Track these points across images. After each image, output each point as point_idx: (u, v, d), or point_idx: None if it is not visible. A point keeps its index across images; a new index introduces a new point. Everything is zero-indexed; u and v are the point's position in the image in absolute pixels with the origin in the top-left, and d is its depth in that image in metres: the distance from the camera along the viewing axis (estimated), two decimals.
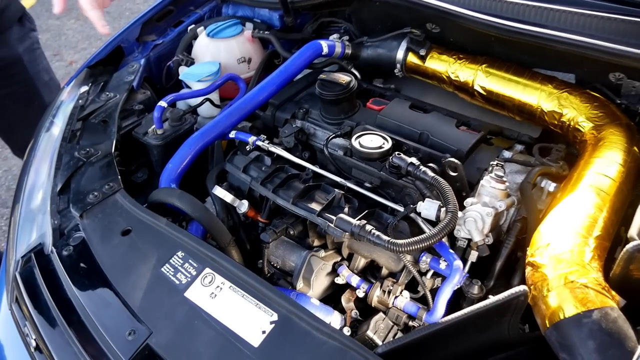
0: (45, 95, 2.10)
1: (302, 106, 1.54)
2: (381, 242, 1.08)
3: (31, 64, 2.04)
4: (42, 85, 2.10)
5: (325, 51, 1.62)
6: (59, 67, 4.52)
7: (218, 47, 1.78)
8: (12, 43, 1.99)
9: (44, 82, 2.11)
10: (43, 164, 1.49)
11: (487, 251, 1.13)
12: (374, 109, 1.49)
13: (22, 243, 1.36)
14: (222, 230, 1.23)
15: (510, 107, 1.47)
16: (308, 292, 1.19)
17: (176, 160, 1.42)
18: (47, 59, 2.17)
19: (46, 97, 2.10)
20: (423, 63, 1.59)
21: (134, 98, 1.67)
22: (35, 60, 2.07)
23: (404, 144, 1.34)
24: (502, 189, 1.16)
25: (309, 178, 1.31)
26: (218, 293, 1.06)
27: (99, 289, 1.15)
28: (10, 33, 1.99)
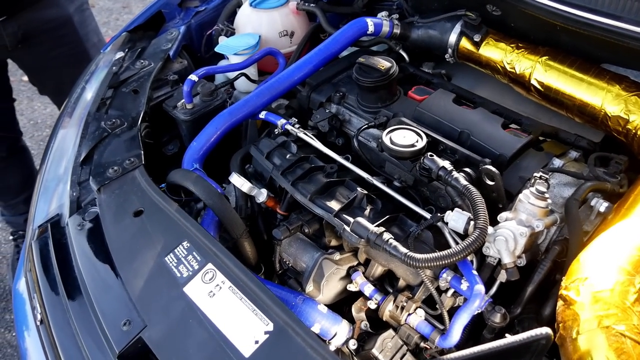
0: (94, 56, 2.07)
1: (339, 89, 1.44)
2: (398, 254, 0.98)
3: (81, 25, 2.02)
4: (91, 47, 2.08)
5: (371, 30, 1.50)
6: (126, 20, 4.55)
7: (260, 18, 1.69)
8: (62, 3, 1.98)
9: (92, 43, 2.09)
10: (71, 130, 1.47)
11: (516, 275, 1.00)
12: (415, 99, 1.37)
13: (42, 211, 1.35)
14: (236, 220, 1.17)
15: (570, 107, 1.31)
16: (317, 296, 1.11)
17: (201, 139, 1.36)
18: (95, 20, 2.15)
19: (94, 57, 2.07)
20: (477, 50, 1.44)
21: (169, 67, 1.62)
22: (85, 21, 2.05)
23: (441, 143, 1.21)
24: (542, 207, 1.02)
25: (333, 172, 1.21)
26: (217, 292, 1.00)
27: (103, 271, 1.12)
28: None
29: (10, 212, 2.44)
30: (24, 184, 2.33)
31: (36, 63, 2.05)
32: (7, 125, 2.22)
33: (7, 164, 2.25)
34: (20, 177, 2.32)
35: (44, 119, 3.38)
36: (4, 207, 2.43)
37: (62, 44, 2.00)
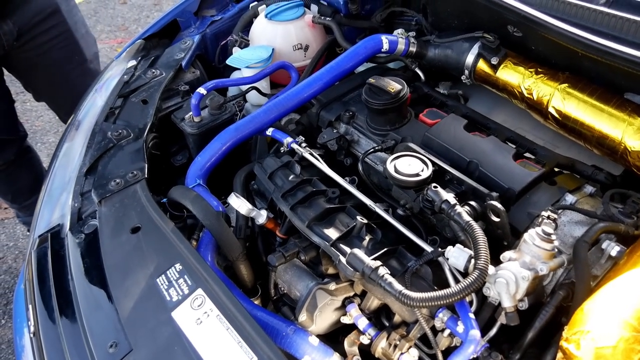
0: (84, 48, 2.06)
1: (349, 108, 1.40)
2: (392, 291, 0.95)
3: (69, 14, 1.99)
4: (80, 38, 2.05)
5: (386, 48, 1.45)
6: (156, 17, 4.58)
7: (275, 31, 1.66)
8: None
9: (81, 34, 2.06)
10: (77, 139, 1.47)
11: (516, 320, 0.95)
12: (426, 123, 1.32)
13: (44, 220, 1.35)
14: (233, 243, 1.14)
15: (589, 138, 1.25)
16: (310, 326, 1.08)
17: (206, 154, 1.34)
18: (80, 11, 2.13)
19: (85, 51, 2.06)
20: (494, 72, 1.39)
21: (181, 77, 1.60)
22: (71, 11, 2.01)
23: (447, 173, 1.16)
24: (548, 249, 0.96)
25: (334, 197, 1.17)
26: (204, 320, 0.97)
27: (95, 288, 1.11)
28: None
29: (25, 213, 2.46)
30: (35, 184, 2.33)
31: (28, 63, 2.01)
32: (10, 128, 2.20)
33: (16, 166, 2.25)
34: (30, 178, 2.33)
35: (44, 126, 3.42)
36: (19, 209, 2.44)
37: (53, 36, 1.97)
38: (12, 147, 2.20)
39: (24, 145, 2.29)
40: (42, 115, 3.47)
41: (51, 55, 1.97)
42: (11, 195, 2.36)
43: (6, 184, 2.31)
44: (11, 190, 2.34)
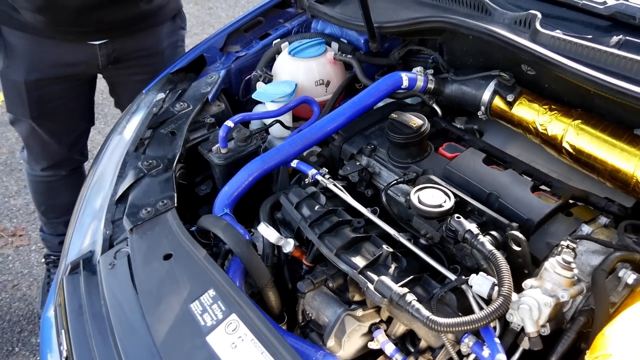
0: None
1: (370, 142, 1.46)
2: (420, 316, 0.99)
3: (170, 59, 2.07)
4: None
5: (405, 85, 1.52)
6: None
7: (297, 67, 1.73)
8: (161, 37, 2.07)
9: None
10: (108, 168, 1.52)
11: (539, 345, 0.99)
12: (446, 156, 1.38)
13: (75, 246, 1.39)
14: (262, 270, 1.18)
15: (602, 172, 1.30)
16: (338, 351, 1.12)
17: (233, 184, 1.40)
18: None
19: None
20: (510, 109, 1.45)
21: (207, 110, 1.67)
22: (175, 56, 2.09)
23: (469, 204, 1.22)
24: (568, 277, 1.01)
25: (360, 227, 1.22)
26: (239, 344, 1.01)
27: (130, 313, 1.15)
28: (161, 28, 2.06)
29: (49, 229, 2.50)
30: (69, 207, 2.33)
31: (118, 80, 2.14)
32: (79, 146, 2.29)
33: (63, 183, 2.32)
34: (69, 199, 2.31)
35: None
36: (45, 223, 2.48)
37: (147, 72, 2.06)
38: (70, 164, 2.30)
39: (79, 168, 2.38)
40: None
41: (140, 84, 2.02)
42: (45, 207, 2.41)
43: (46, 195, 2.37)
44: (47, 202, 2.40)
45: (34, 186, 2.38)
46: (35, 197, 2.43)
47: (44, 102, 2.02)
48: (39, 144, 2.16)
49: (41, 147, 2.17)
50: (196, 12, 5.27)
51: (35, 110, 2.02)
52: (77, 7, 1.79)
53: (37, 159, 2.24)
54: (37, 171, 2.28)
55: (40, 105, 2.02)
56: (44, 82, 1.97)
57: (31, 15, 1.81)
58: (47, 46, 1.91)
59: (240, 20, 1.89)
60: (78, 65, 1.98)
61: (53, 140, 2.14)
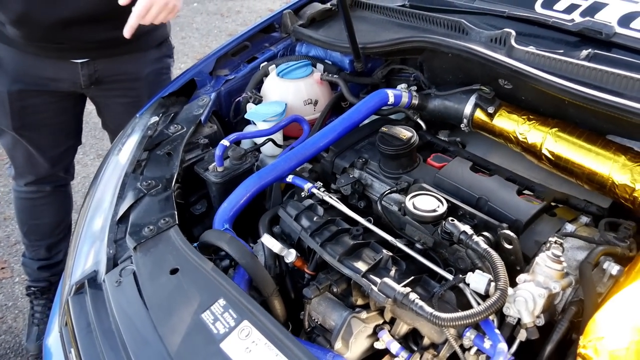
0: None
1: (361, 155, 1.53)
2: (424, 313, 1.05)
3: (153, 86, 2.10)
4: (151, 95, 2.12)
5: (391, 101, 1.61)
6: None
7: (286, 88, 1.81)
8: (144, 63, 2.09)
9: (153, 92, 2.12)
10: (107, 190, 1.55)
11: (536, 334, 1.06)
12: (434, 166, 1.46)
13: (78, 267, 1.42)
14: (267, 280, 1.23)
15: (579, 175, 1.39)
16: (345, 353, 1.16)
17: (231, 200, 1.45)
18: None
19: None
20: (491, 120, 1.54)
21: (200, 131, 1.72)
22: (159, 84, 2.12)
23: (460, 208, 1.29)
24: (559, 270, 1.09)
25: (358, 234, 1.29)
26: (253, 348, 1.05)
27: (141, 327, 1.18)
28: (147, 54, 2.09)
29: (30, 253, 2.48)
30: (54, 228, 2.42)
31: (102, 101, 2.18)
32: (64, 162, 2.31)
33: (47, 200, 2.33)
34: (52, 219, 2.40)
35: None
36: (27, 246, 2.47)
37: (129, 95, 2.11)
38: (55, 181, 2.31)
39: (63, 187, 2.39)
40: None
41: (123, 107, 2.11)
42: (27, 227, 2.41)
43: (29, 214, 2.38)
44: (30, 222, 2.39)
45: (18, 203, 2.38)
46: (19, 215, 2.42)
47: (27, 113, 2.04)
48: (22, 156, 2.17)
49: (24, 160, 2.19)
50: None
51: (17, 121, 2.04)
52: (51, 23, 1.82)
53: (22, 172, 2.25)
54: (21, 186, 2.30)
55: (23, 117, 2.04)
56: (27, 93, 2.00)
57: (10, 29, 1.85)
58: (30, 60, 1.95)
59: (228, 45, 1.96)
60: (61, 81, 2.02)
61: (37, 153, 2.15)
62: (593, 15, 1.58)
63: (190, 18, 5.88)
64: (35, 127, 2.09)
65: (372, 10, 1.93)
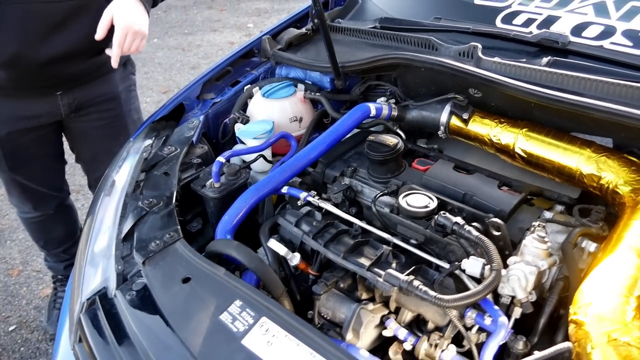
0: (131, 132, 2.25)
1: (350, 164, 1.63)
2: (428, 297, 1.14)
3: (126, 102, 2.28)
4: (130, 123, 2.32)
5: (373, 113, 1.72)
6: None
7: (272, 107, 1.91)
8: (115, 82, 2.23)
9: (132, 120, 2.34)
10: (109, 211, 1.61)
11: (530, 308, 1.18)
12: (419, 169, 1.57)
13: (87, 286, 1.46)
14: (276, 282, 1.31)
15: (550, 169, 1.53)
16: (357, 343, 1.25)
17: (232, 212, 1.52)
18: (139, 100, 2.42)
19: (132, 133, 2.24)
20: (466, 126, 1.67)
21: (192, 152, 1.79)
22: (130, 100, 2.31)
23: (449, 204, 1.41)
24: (544, 249, 1.21)
25: (358, 234, 1.38)
26: (274, 341, 1.13)
27: (160, 333, 1.23)
28: (115, 74, 2.23)
29: (52, 259, 2.73)
30: (67, 237, 2.64)
31: (79, 130, 2.28)
32: (57, 185, 2.47)
33: (53, 219, 2.52)
34: (64, 231, 2.62)
35: None
36: (47, 254, 2.72)
37: (106, 117, 2.25)
38: (54, 201, 2.49)
39: (64, 202, 2.56)
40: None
41: (100, 131, 2.25)
42: (43, 242, 2.63)
43: (40, 232, 2.60)
44: (43, 238, 2.62)
45: (27, 226, 2.60)
46: (31, 235, 2.65)
47: (17, 152, 2.17)
48: (19, 190, 2.34)
49: (21, 192, 2.35)
50: None
51: (10, 162, 2.19)
52: (41, 62, 1.93)
53: (20, 203, 2.43)
54: (25, 213, 2.48)
55: (14, 157, 2.18)
56: (14, 134, 2.11)
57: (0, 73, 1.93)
58: (14, 102, 2.05)
59: (211, 71, 2.05)
60: (42, 116, 2.13)
61: (32, 184, 2.31)
62: (549, 27, 1.74)
63: (151, 53, 5.95)
64: (26, 163, 2.22)
65: (345, 33, 2.06)
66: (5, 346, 2.68)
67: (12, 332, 2.76)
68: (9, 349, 2.66)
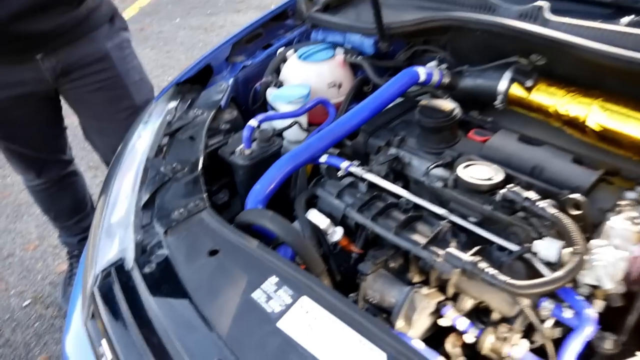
0: (135, 94, 2.09)
1: (397, 133, 1.46)
2: (498, 282, 0.97)
3: (120, 62, 2.04)
4: (131, 84, 2.09)
5: (423, 79, 1.54)
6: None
7: (309, 71, 1.73)
8: (101, 40, 2.00)
9: (133, 81, 2.10)
10: (127, 177, 1.45)
11: (619, 301, 0.99)
12: (477, 140, 1.39)
13: (102, 257, 1.31)
14: (316, 258, 1.14)
15: (629, 146, 1.34)
16: (408, 331, 1.08)
17: (265, 181, 1.36)
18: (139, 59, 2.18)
19: (136, 97, 2.09)
20: (528, 95, 1.48)
21: (220, 117, 1.63)
22: (125, 59, 2.06)
23: (515, 178, 1.22)
24: (637, 231, 1.02)
25: (409, 208, 1.21)
26: (315, 325, 0.96)
27: (183, 311, 1.07)
28: (100, 31, 2.01)
29: (66, 233, 2.62)
30: (76, 207, 2.53)
31: (78, 97, 2.10)
32: (57, 151, 2.33)
33: (58, 188, 2.39)
34: (72, 201, 2.49)
35: None
36: (60, 228, 2.59)
37: (100, 79, 2.02)
38: (57, 168, 2.35)
39: (69, 168, 2.41)
40: None
41: (98, 95, 2.03)
42: (53, 213, 2.53)
43: (48, 203, 2.47)
44: (53, 209, 2.50)
45: (34, 196, 2.47)
46: (40, 206, 2.52)
47: (8, 121, 2.04)
48: (17, 158, 2.23)
49: (20, 160, 2.24)
50: (154, 56, 5.23)
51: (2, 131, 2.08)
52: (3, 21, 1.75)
53: (23, 171, 2.31)
54: (30, 181, 2.36)
55: (5, 126, 2.06)
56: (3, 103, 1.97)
57: None
58: None
59: (241, 32, 1.88)
60: (27, 83, 1.96)
61: (29, 152, 2.20)
62: None
63: (173, 33, 5.79)
64: (20, 131, 2.11)
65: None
66: (19, 321, 2.57)
67: (27, 307, 2.64)
68: (23, 324, 2.55)
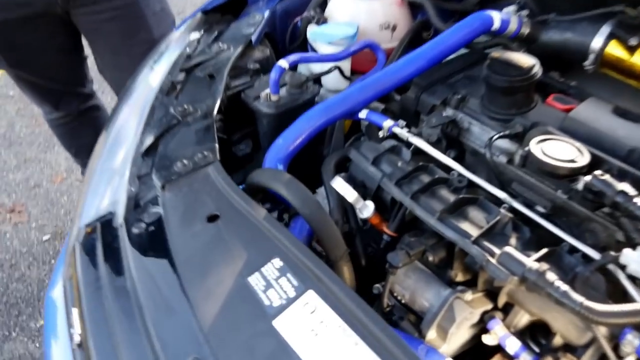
0: (154, 26, 1.90)
1: (457, 91, 1.18)
2: (571, 303, 0.72)
3: None
4: (150, 14, 1.89)
5: (497, 26, 1.25)
6: None
7: (358, 8, 1.46)
8: None
9: (152, 11, 1.90)
10: (133, 115, 1.25)
11: None
12: (558, 108, 1.11)
13: (91, 208, 1.12)
14: (337, 239, 0.91)
15: None
16: (441, 346, 0.84)
17: (289, 135, 1.13)
18: None
19: (154, 29, 1.90)
20: (630, 57, 1.18)
21: (250, 55, 1.39)
22: None
23: (605, 162, 0.94)
24: None
25: (462, 187, 0.95)
26: (321, 331, 0.74)
27: (166, 288, 0.88)
28: None
29: None
30: None
31: (92, 26, 1.91)
32: (76, 81, 2.18)
33: (80, 121, 2.26)
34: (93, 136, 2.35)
35: None
36: (82, 165, 2.45)
37: (116, 6, 1.84)
38: (76, 101, 2.21)
39: (90, 102, 2.28)
40: None
41: (113, 24, 1.86)
42: (75, 149, 2.42)
43: (70, 138, 2.36)
44: (74, 144, 2.38)
45: (54, 131, 2.35)
46: (61, 141, 2.41)
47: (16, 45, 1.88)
48: (30, 88, 2.09)
49: (34, 91, 2.10)
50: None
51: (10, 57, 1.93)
52: None
53: (40, 103, 2.18)
54: (48, 114, 2.23)
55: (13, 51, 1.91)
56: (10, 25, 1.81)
57: None
58: None
59: None
60: (34, 3, 1.79)
61: (42, 81, 2.05)
62: None
63: None
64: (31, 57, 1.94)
65: None
66: (36, 256, 2.49)
67: (45, 242, 2.56)
68: (40, 260, 2.47)
